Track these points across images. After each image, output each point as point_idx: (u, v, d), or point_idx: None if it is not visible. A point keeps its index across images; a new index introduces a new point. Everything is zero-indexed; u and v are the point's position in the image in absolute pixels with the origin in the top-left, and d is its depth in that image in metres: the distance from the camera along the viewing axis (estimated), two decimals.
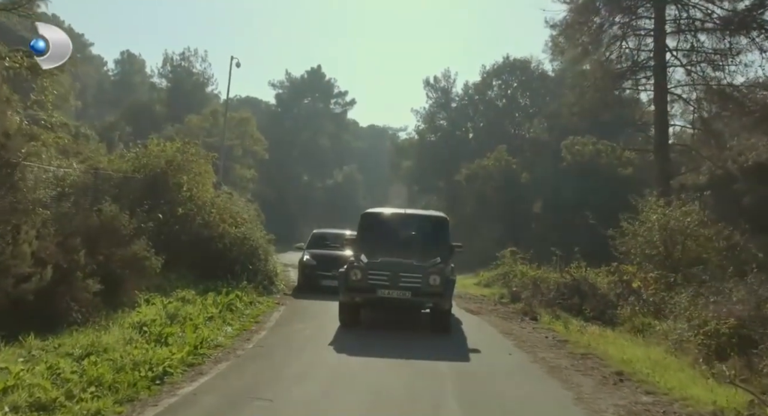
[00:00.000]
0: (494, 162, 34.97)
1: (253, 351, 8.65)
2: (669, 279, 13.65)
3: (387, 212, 12.67)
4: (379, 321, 11.65)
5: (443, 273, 10.68)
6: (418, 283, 10.53)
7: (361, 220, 12.16)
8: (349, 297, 10.72)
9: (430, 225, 12.24)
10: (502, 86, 50.23)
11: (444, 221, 12.17)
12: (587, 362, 8.78)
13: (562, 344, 10.26)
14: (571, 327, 12.07)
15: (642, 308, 12.87)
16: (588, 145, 31.40)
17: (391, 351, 8.89)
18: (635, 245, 16.08)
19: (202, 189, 15.38)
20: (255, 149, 50.66)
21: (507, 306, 15.52)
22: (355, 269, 10.73)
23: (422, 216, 12.65)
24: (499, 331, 11.45)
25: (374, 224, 12.16)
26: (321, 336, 10.01)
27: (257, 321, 11.25)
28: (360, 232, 12.00)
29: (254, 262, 15.19)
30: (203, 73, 59.60)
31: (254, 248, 15.44)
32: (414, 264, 10.72)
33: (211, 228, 14.81)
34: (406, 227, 12.31)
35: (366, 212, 12.48)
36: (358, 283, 10.64)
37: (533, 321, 12.99)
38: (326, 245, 17.66)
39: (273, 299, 14.25)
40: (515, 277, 19.52)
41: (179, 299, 11.30)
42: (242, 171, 48.71)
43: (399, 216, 12.43)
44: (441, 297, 10.54)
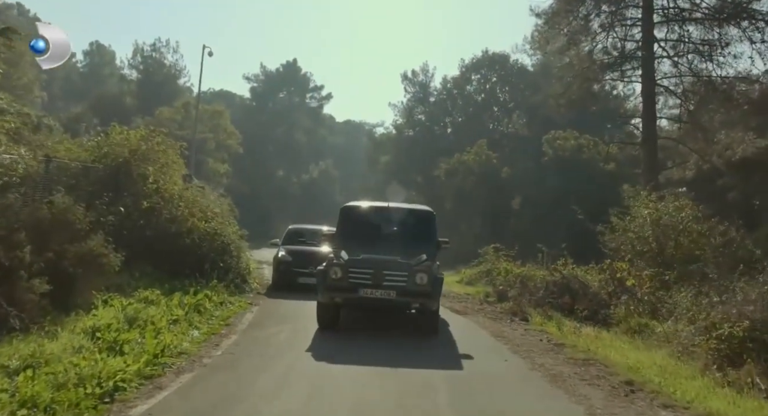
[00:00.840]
0: (474, 156, 34.29)
1: (221, 359, 7.72)
2: (664, 277, 13.01)
3: (369, 205, 11.79)
4: (360, 323, 10.81)
5: (431, 272, 9.85)
6: (403, 282, 9.69)
7: (341, 214, 11.27)
8: (329, 297, 9.84)
9: (415, 219, 11.39)
10: (481, 80, 49.64)
11: (430, 215, 11.33)
12: (590, 369, 8.02)
13: (559, 348, 9.50)
14: (564, 328, 11.34)
15: (637, 308, 12.20)
16: (570, 140, 30.89)
17: (376, 358, 8.05)
18: (626, 241, 15.46)
19: (169, 181, 14.34)
20: (229, 143, 49.40)
21: (494, 306, 14.76)
22: (334, 267, 9.86)
23: (407, 210, 11.79)
24: (489, 334, 10.66)
25: (355, 218, 11.28)
26: (298, 340, 9.12)
27: (228, 323, 10.31)
28: (340, 227, 11.12)
29: (225, 259, 14.21)
30: (175, 64, 58.06)
31: (225, 244, 14.46)
32: (399, 261, 9.88)
33: (179, 223, 13.78)
34: (389, 222, 11.45)
35: (346, 205, 11.59)
36: (338, 282, 9.77)
37: (524, 322, 12.24)
38: (302, 241, 16.75)
39: (246, 299, 13.29)
40: (499, 275, 18.79)
41: (141, 300, 10.30)
42: (216, 165, 47.47)
43: (382, 210, 11.55)
44: (428, 297, 9.72)
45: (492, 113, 49.36)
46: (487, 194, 32.58)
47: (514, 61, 47.62)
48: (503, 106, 48.78)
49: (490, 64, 48.72)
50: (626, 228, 15.43)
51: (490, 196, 32.59)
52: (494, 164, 35.03)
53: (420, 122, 50.91)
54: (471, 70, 49.37)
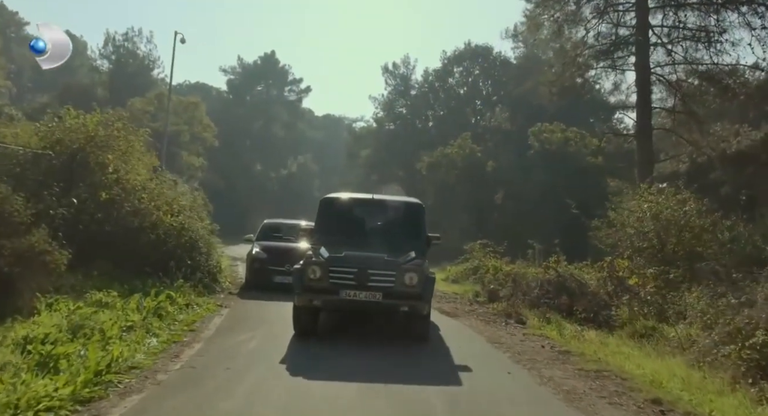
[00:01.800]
0: (458, 150, 33.29)
1: (179, 374, 6.57)
2: (668, 275, 12.10)
3: (351, 198, 10.66)
4: (342, 328, 9.72)
5: (421, 271, 8.78)
6: (390, 283, 8.61)
7: (321, 207, 10.14)
8: (306, 300, 8.72)
9: (403, 213, 10.29)
10: (464, 73, 48.65)
11: (419, 208, 10.24)
12: (606, 383, 7.01)
13: (565, 356, 8.49)
14: (565, 332, 10.37)
15: (641, 309, 11.26)
16: (557, 132, 30.00)
17: (361, 371, 6.97)
18: (624, 237, 14.55)
19: (132, 170, 13.11)
20: (204, 136, 47.78)
21: (485, 307, 13.74)
22: (313, 265, 8.74)
23: (393, 202, 10.68)
24: (485, 339, 9.62)
25: (336, 212, 10.17)
26: (271, 349, 8.00)
27: (192, 329, 9.14)
28: (319, 221, 9.99)
29: (194, 256, 13.02)
30: (149, 55, 56.11)
31: (194, 240, 13.27)
32: (385, 259, 8.80)
33: (142, 217, 12.58)
34: (374, 216, 10.35)
35: (326, 197, 10.46)
36: (317, 283, 8.66)
37: (520, 325, 11.24)
38: (279, 237, 15.59)
39: (215, 300, 12.12)
40: (488, 273, 17.82)
41: (94, 303, 9.11)
42: (190, 158, 45.88)
43: (365, 203, 10.44)
44: (419, 300, 8.65)
45: (474, 106, 48.43)
46: (471, 188, 31.61)
47: (497, 53, 46.85)
48: (486, 99, 47.86)
49: (472, 57, 47.77)
50: (624, 223, 14.52)
51: (474, 190, 31.60)
52: (478, 158, 34.06)
53: (401, 115, 49.82)
54: (453, 63, 48.36)
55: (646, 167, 18.57)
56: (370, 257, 8.84)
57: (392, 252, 9.04)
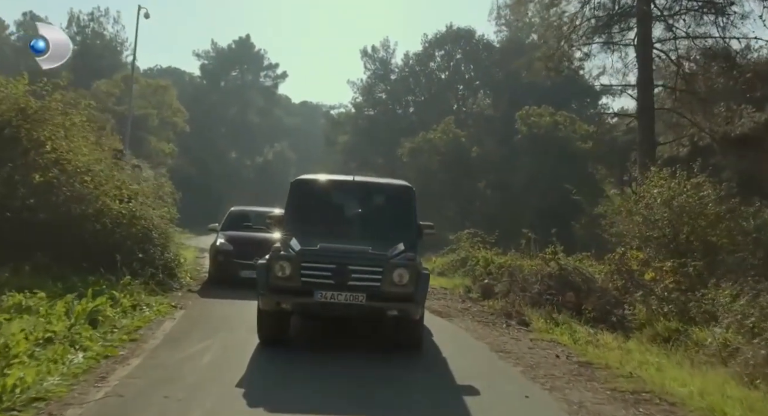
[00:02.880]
0: (441, 135, 31.74)
1: (99, 408, 4.96)
2: (688, 268, 10.71)
3: (328, 180, 9.04)
4: (317, 336, 8.17)
5: (413, 266, 7.22)
6: (376, 281, 7.07)
7: (292, 191, 8.52)
8: (273, 303, 7.13)
9: (390, 198, 8.73)
10: (445, 57, 47.03)
11: (408, 192, 8.64)
12: (653, 411, 5.54)
13: (588, 369, 7.02)
14: (578, 336, 8.92)
15: (659, 307, 9.87)
16: (545, 116, 28.57)
17: (340, 396, 5.46)
18: (631, 225, 13.16)
19: (74, 149, 11.33)
20: (174, 120, 45.66)
21: (479, 304, 12.27)
22: (281, 261, 7.14)
23: (378, 185, 9.10)
24: (488, 347, 8.12)
25: (310, 196, 8.57)
26: (227, 366, 6.42)
27: (134, 338, 7.50)
28: (290, 208, 8.38)
29: (147, 249, 11.33)
30: (116, 36, 53.64)
31: (147, 230, 11.57)
32: (370, 252, 7.26)
33: (85, 203, 10.84)
34: (355, 201, 8.79)
35: (298, 179, 8.82)
36: (287, 282, 7.08)
37: (523, 328, 9.76)
38: (248, 226, 13.91)
39: (170, 299, 10.46)
40: (477, 265, 16.35)
41: (11, 307, 7.43)
42: (160, 144, 43.77)
43: (345, 186, 8.82)
44: (411, 302, 7.11)
45: (456, 92, 46.89)
46: (455, 175, 30.08)
47: (479, 36, 45.33)
48: (468, 84, 46.34)
49: (454, 40, 46.15)
50: (632, 210, 13.11)
51: (458, 177, 30.07)
52: (462, 143, 32.55)
53: (381, 101, 48.14)
54: (434, 46, 46.73)
55: (647, 149, 17.21)
56: (351, 250, 7.28)
57: (377, 244, 7.51)
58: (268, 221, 8.72)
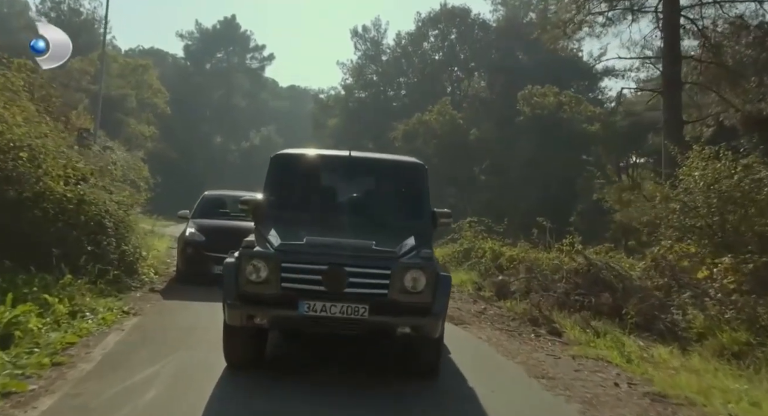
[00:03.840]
0: (437, 116, 29.83)
1: None
2: (748, 265, 8.98)
3: (318, 155, 7.16)
4: (300, 360, 6.33)
5: (431, 268, 5.41)
6: (382, 288, 5.26)
7: (272, 169, 6.65)
8: (244, 316, 5.29)
9: (396, 178, 6.87)
10: (439, 37, 44.98)
11: (419, 171, 6.76)
12: None
13: (666, 406, 5.26)
14: (628, 350, 7.17)
15: (720, 313, 8.14)
16: (549, 96, 26.72)
17: None
18: (667, 214, 11.42)
19: (11, 121, 9.36)
20: (154, 101, 43.40)
21: (494, 305, 10.48)
22: (255, 260, 5.31)
23: (382, 162, 7.18)
24: (523, 370, 6.30)
25: (295, 176, 6.74)
26: (177, 407, 4.61)
27: (59, 361, 5.63)
28: (269, 190, 6.52)
29: (100, 240, 9.41)
30: (93, 12, 51.03)
31: (100, 217, 9.63)
32: (374, 248, 5.43)
33: (20, 185, 8.90)
34: (353, 182, 6.97)
35: (281, 154, 6.91)
36: (262, 289, 5.27)
37: (556, 338, 7.99)
38: (224, 213, 12.04)
39: (125, 302, 8.59)
40: (484, 257, 14.60)
41: None
42: (139, 127, 41.53)
43: (341, 164, 6.91)
44: (428, 316, 5.31)
45: (451, 73, 44.90)
46: (453, 160, 28.16)
47: (475, 15, 43.27)
48: (463, 65, 44.34)
49: (449, 19, 44.07)
50: (667, 195, 11.36)
51: (456, 160, 28.16)
52: (460, 125, 30.64)
53: (372, 82, 46.08)
54: (428, 26, 44.67)
55: (674, 128, 15.45)
56: (348, 246, 5.46)
57: (382, 237, 5.69)
58: (241, 207, 6.81)
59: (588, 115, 26.28)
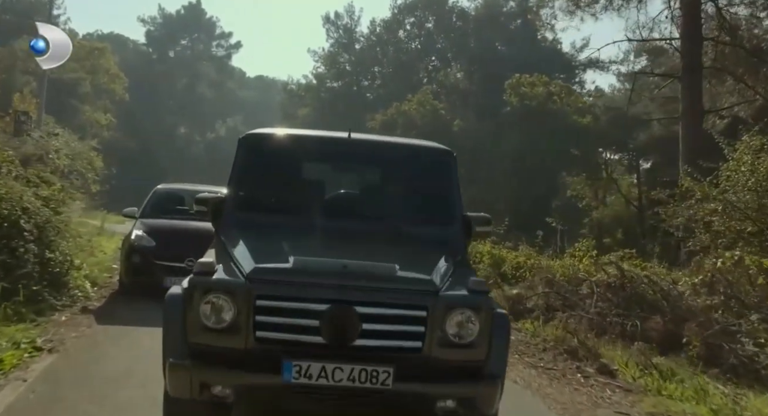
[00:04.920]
0: (417, 106, 27.98)
1: None
2: None
3: (304, 137, 5.18)
4: None
5: (485, 305, 3.51)
6: (414, 338, 3.39)
7: (241, 154, 4.68)
8: (194, 383, 3.34)
9: (415, 171, 4.94)
10: (415, 25, 43.08)
11: (447, 161, 4.80)
12: None
13: None
14: (714, 402, 5.40)
15: None
16: (539, 86, 25.05)
17: None
18: (706, 214, 9.74)
19: None
20: (112, 87, 40.62)
21: (515, 328, 8.61)
22: (214, 292, 3.36)
23: (395, 149, 5.10)
24: None
25: (273, 165, 4.80)
26: None
27: None
28: (237, 184, 4.57)
29: (14, 248, 7.27)
30: None
31: (14, 218, 7.47)
32: (399, 275, 3.52)
33: None
34: (354, 175, 5.09)
35: (252, 135, 4.88)
36: (225, 339, 3.35)
37: (610, 380, 6.16)
38: (180, 211, 9.96)
39: (44, 328, 6.51)
40: (481, 263, 12.79)
41: None
42: (95, 114, 38.74)
43: (336, 149, 4.90)
44: (483, 380, 3.44)
45: (427, 63, 43.04)
46: None
47: (453, 3, 41.45)
48: (441, 55, 42.51)
49: (426, 6, 42.19)
50: (710, 193, 9.66)
51: None
52: (442, 116, 28.81)
53: (345, 72, 43.94)
54: (404, 13, 42.72)
55: (694, 118, 13.85)
56: (360, 271, 3.54)
57: (404, 255, 3.84)
58: (196, 208, 4.77)
59: (579, 107, 24.74)
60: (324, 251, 3.90)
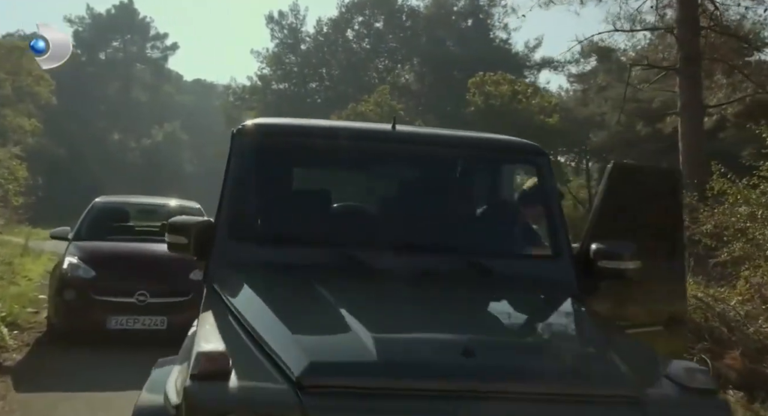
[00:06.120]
0: (374, 107, 26.48)
1: None
2: None
3: (334, 129, 3.49)
4: None
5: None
6: None
7: (241, 155, 3.02)
8: None
9: (495, 177, 3.41)
10: (364, 24, 41.56)
11: (541, 162, 3.23)
12: None
13: None
14: None
15: None
16: (504, 84, 23.92)
17: None
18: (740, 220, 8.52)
19: None
20: (36, 90, 37.46)
21: None
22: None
23: (466, 145, 3.44)
24: None
25: (290, 171, 3.13)
26: None
27: None
28: (234, 204, 2.87)
29: None
30: None
31: None
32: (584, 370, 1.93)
33: None
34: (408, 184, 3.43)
35: (255, 126, 3.23)
36: None
37: None
38: (123, 230, 8.06)
39: None
40: None
41: None
42: (18, 119, 35.53)
43: (379, 149, 3.19)
44: None
45: (378, 64, 41.57)
46: None
47: (403, 1, 40.21)
48: (392, 55, 41.10)
49: (374, 4, 40.74)
50: (749, 196, 8.43)
51: None
52: (401, 117, 27.34)
53: (292, 73, 42.00)
54: (351, 11, 41.13)
55: (694, 113, 12.78)
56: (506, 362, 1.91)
57: (536, 323, 2.27)
58: (169, 241, 3.02)
59: (543, 107, 23.77)
60: (406, 317, 2.28)
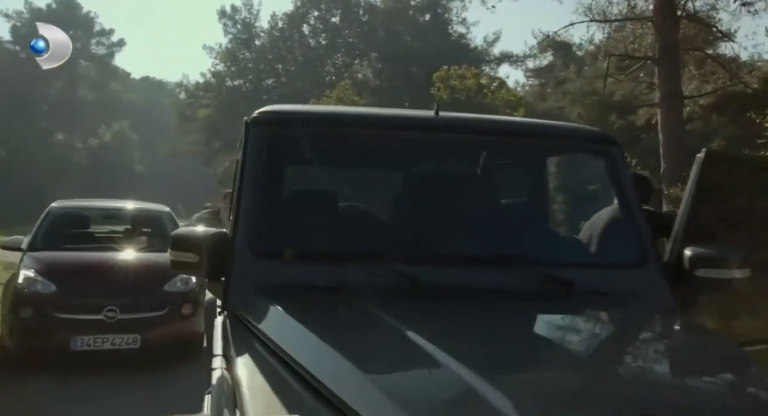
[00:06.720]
0: (336, 102, 25.81)
1: None
2: None
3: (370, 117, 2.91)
4: None
5: None
6: None
7: (258, 149, 2.44)
8: None
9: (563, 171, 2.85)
10: (320, 19, 40.72)
11: (613, 153, 2.73)
12: None
13: None
14: None
15: None
16: (469, 78, 23.55)
17: None
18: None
19: None
20: None
21: None
22: None
23: (528, 132, 2.93)
24: None
25: (321, 168, 2.53)
26: None
27: None
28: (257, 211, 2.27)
29: None
30: None
31: None
32: None
33: None
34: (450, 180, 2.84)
35: (272, 113, 2.71)
36: None
37: None
38: (84, 238, 7.26)
39: None
40: None
41: None
42: None
43: (422, 139, 2.64)
44: None
45: (335, 59, 40.80)
46: None
47: None
48: (349, 50, 40.39)
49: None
50: None
51: None
52: None
53: (247, 69, 40.85)
54: (307, 6, 40.23)
55: (673, 105, 12.58)
56: None
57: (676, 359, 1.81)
58: (175, 257, 2.38)
59: (509, 101, 23.52)
60: (518, 359, 1.72)
